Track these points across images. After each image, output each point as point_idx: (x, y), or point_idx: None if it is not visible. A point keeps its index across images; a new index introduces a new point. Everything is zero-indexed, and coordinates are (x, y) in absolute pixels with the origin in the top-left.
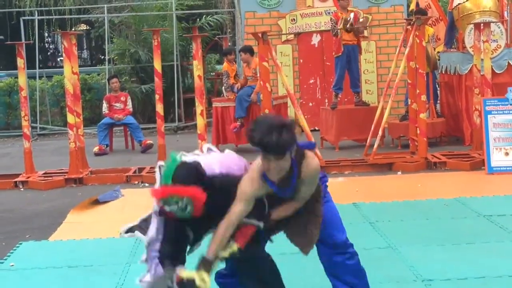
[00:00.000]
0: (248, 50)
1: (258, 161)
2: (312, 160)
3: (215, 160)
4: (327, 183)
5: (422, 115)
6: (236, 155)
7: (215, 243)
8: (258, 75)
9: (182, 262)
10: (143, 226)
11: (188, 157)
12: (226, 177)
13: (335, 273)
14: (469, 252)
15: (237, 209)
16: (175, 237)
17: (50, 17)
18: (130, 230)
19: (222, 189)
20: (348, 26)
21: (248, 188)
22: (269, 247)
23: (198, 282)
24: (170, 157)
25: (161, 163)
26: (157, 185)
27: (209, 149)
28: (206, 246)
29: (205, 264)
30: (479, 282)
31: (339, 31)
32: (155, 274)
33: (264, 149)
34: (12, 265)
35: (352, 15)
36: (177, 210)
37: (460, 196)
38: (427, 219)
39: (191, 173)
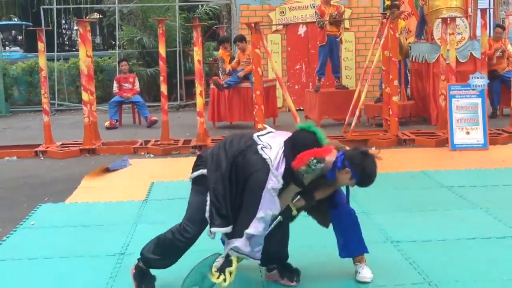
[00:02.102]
0: (243, 38)
1: None
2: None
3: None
4: None
5: (394, 98)
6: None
7: None
8: (251, 60)
9: None
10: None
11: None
12: None
13: (344, 225)
14: (432, 218)
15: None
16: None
17: (67, 6)
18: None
19: None
20: (331, 19)
21: None
22: None
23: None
24: (303, 127)
25: (262, 145)
26: (272, 164)
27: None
28: None
29: None
30: (441, 243)
31: (324, 23)
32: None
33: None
34: (33, 224)
35: (336, 13)
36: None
37: (426, 169)
38: (397, 189)
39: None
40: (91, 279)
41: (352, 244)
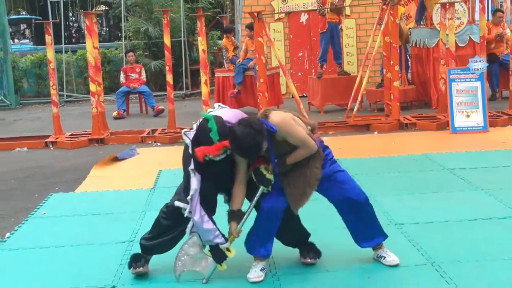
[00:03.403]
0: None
1: None
2: (274, 117)
3: (230, 114)
4: (333, 157)
5: (396, 83)
6: (238, 110)
7: (236, 197)
8: None
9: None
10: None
11: (213, 113)
12: None
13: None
14: (434, 200)
15: (241, 169)
16: (209, 195)
17: None
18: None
19: None
20: (332, 7)
21: None
22: None
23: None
24: (206, 118)
25: (185, 130)
26: (190, 148)
27: (220, 106)
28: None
29: (233, 216)
30: (443, 225)
31: (325, 11)
32: (204, 220)
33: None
34: (44, 214)
35: (337, 0)
36: (223, 154)
37: (428, 152)
38: (399, 172)
39: (225, 127)
40: (102, 266)
41: (364, 233)
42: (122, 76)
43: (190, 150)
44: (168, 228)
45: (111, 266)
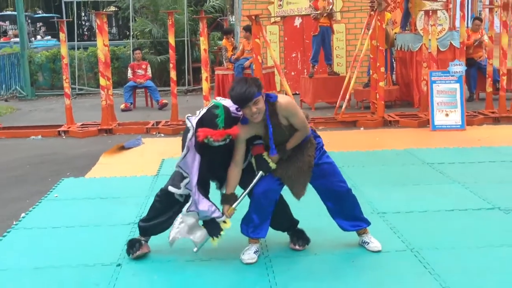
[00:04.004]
0: (250, 29)
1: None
2: (282, 99)
3: (234, 107)
4: (323, 145)
5: (381, 83)
6: None
7: (231, 180)
8: None
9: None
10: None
11: (223, 102)
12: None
13: (343, 215)
14: (415, 192)
15: (239, 150)
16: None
17: None
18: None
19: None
20: (325, 12)
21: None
22: None
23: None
24: (216, 105)
25: (189, 115)
26: (191, 132)
27: (221, 99)
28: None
29: (227, 199)
30: (422, 215)
31: (318, 15)
32: (200, 201)
33: (235, 102)
34: (56, 196)
35: (330, 6)
36: (222, 142)
37: (409, 148)
38: (383, 165)
39: (231, 116)
40: (109, 246)
41: (343, 216)
42: (129, 72)
43: (189, 134)
44: (162, 211)
45: (117, 246)
